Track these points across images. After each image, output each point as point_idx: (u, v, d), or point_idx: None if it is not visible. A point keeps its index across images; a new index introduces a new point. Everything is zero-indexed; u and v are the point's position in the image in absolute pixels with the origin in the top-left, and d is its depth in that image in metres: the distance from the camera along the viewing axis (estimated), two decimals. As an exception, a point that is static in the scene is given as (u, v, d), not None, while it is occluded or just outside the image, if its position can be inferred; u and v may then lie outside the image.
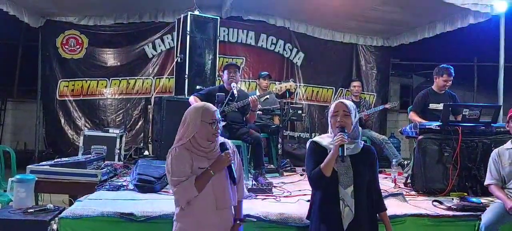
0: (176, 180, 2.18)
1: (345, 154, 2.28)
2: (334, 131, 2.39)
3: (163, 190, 3.58)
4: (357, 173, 2.36)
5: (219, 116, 2.34)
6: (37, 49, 6.82)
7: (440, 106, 4.44)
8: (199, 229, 2.23)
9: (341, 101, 2.44)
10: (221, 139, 2.38)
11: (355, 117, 2.41)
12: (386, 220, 2.48)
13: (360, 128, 2.53)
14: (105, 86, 6.92)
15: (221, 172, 2.27)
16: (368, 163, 2.43)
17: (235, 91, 4.06)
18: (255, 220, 2.84)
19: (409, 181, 4.21)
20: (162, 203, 3.09)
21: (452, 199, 3.53)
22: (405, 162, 5.22)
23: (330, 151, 2.34)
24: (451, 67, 4.59)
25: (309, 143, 2.53)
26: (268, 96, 4.10)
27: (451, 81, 4.57)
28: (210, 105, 2.36)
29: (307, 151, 2.50)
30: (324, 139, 2.46)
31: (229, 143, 2.44)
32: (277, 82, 7.00)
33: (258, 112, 4.75)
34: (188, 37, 5.36)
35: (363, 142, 2.49)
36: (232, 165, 2.28)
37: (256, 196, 3.43)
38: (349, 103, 2.43)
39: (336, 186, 2.34)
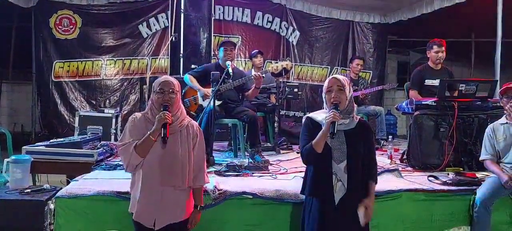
0: (121, 143, 2.24)
1: (335, 131, 2.26)
2: (329, 107, 2.37)
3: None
4: (351, 148, 2.35)
5: (174, 89, 2.30)
6: (31, 31, 6.73)
7: (436, 82, 4.43)
8: (139, 202, 2.23)
9: (334, 76, 2.42)
10: (187, 119, 2.38)
11: (349, 92, 2.39)
12: (371, 188, 2.43)
13: (355, 104, 2.51)
14: (100, 67, 6.87)
15: (174, 138, 2.25)
16: (363, 138, 2.41)
17: (230, 70, 4.03)
18: (251, 197, 2.85)
19: (405, 157, 4.22)
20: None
21: (448, 174, 3.57)
22: (389, 138, 5.29)
23: (323, 127, 2.32)
24: (440, 40, 4.56)
25: (304, 118, 2.52)
26: (264, 75, 4.09)
27: (443, 52, 4.53)
28: (166, 77, 2.37)
29: (302, 126, 2.50)
30: (319, 115, 2.44)
31: (194, 124, 2.41)
32: (273, 61, 6.96)
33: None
34: (182, 15, 5.29)
35: (358, 117, 2.47)
36: (166, 124, 2.21)
37: (253, 173, 3.44)
38: (342, 78, 2.40)
39: (329, 160, 2.34)
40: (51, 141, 4.02)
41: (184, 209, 2.33)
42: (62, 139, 4.05)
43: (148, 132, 2.21)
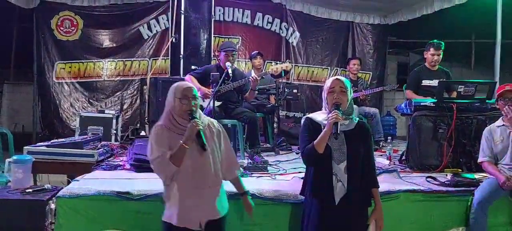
0: (154, 157, 2.23)
1: (338, 132, 2.28)
2: (329, 107, 2.39)
3: (159, 169, 3.60)
4: (350, 149, 2.37)
5: (196, 94, 2.33)
6: (32, 32, 6.75)
7: (433, 82, 4.48)
8: (180, 208, 2.26)
9: (337, 78, 2.44)
10: (206, 119, 2.40)
11: (350, 94, 2.42)
12: (376, 197, 2.49)
13: (355, 105, 2.53)
14: (102, 68, 6.90)
15: (193, 143, 2.26)
16: (362, 139, 2.43)
17: (229, 71, 4.05)
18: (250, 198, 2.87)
19: (404, 157, 4.24)
20: (159, 182, 3.04)
21: (446, 175, 3.58)
22: (388, 139, 5.30)
23: (324, 127, 2.34)
24: (439, 42, 4.58)
25: (303, 119, 2.54)
26: (264, 77, 4.13)
27: (439, 55, 4.56)
28: (186, 83, 2.38)
29: (301, 126, 2.52)
30: (319, 115, 2.46)
31: (214, 122, 2.45)
32: (273, 62, 7.00)
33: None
34: (182, 17, 5.31)
35: (357, 118, 2.49)
36: (201, 132, 2.25)
37: (252, 174, 3.46)
38: (345, 80, 2.43)
39: (329, 161, 2.36)
40: (52, 141, 4.05)
41: (221, 204, 2.38)
42: (63, 139, 4.08)
43: (181, 141, 2.22)
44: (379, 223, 2.44)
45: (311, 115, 2.52)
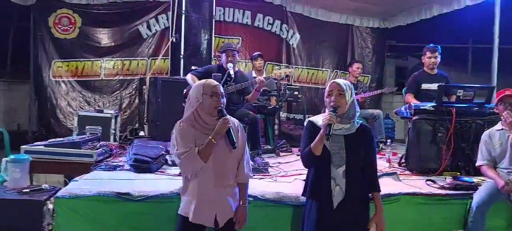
0: (181, 151, 2.22)
1: (331, 133, 2.28)
2: (328, 110, 2.39)
3: (159, 170, 3.59)
4: (350, 153, 2.37)
5: (223, 91, 2.36)
6: (29, 29, 6.70)
7: (432, 86, 4.51)
8: (197, 204, 2.26)
9: (335, 81, 2.44)
10: (231, 119, 2.40)
11: (350, 97, 2.41)
12: (378, 201, 2.47)
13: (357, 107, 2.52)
14: (100, 67, 6.86)
15: (220, 140, 2.29)
16: (363, 143, 2.43)
17: (231, 72, 4.04)
18: (252, 199, 2.86)
19: (403, 160, 4.25)
20: (159, 183, 3.11)
21: (445, 178, 3.59)
22: (388, 142, 5.32)
23: (322, 130, 2.35)
24: (434, 45, 4.62)
25: (306, 122, 2.54)
26: (267, 80, 4.16)
27: (436, 58, 4.59)
28: (213, 81, 2.39)
29: (303, 129, 2.52)
30: (320, 118, 2.46)
31: (235, 121, 2.46)
32: (275, 66, 7.01)
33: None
34: (183, 16, 5.30)
35: (360, 122, 2.48)
36: (231, 129, 2.29)
37: (253, 176, 3.44)
38: (343, 82, 2.42)
39: (328, 165, 2.36)
40: (50, 140, 4.01)
41: (235, 204, 2.38)
42: (61, 139, 4.04)
43: (210, 137, 2.24)
44: (379, 227, 2.44)
45: (312, 118, 2.53)
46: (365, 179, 2.43)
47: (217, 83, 2.37)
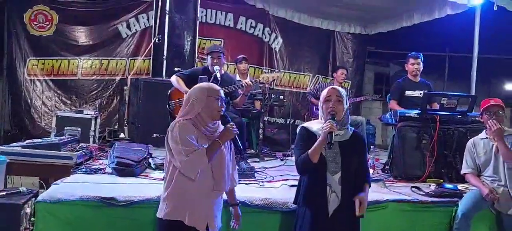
0: (188, 149, 2.11)
1: (332, 141, 2.26)
2: (325, 117, 2.36)
3: (142, 173, 3.49)
4: (345, 159, 2.36)
5: (223, 96, 2.32)
6: (4, 25, 6.43)
7: (415, 93, 4.57)
8: (193, 209, 2.19)
9: (334, 87, 2.44)
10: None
11: (346, 104, 2.40)
12: (366, 190, 2.41)
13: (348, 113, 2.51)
14: (77, 66, 6.64)
15: (225, 145, 2.27)
16: (357, 150, 2.43)
17: (218, 75, 3.97)
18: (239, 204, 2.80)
19: (387, 166, 4.28)
20: (144, 187, 3.02)
21: (429, 185, 3.64)
22: (371, 148, 5.36)
23: (319, 137, 2.31)
24: (416, 53, 4.70)
25: (299, 128, 2.51)
26: (255, 84, 4.11)
27: (419, 64, 4.65)
28: (214, 84, 2.39)
29: (297, 136, 2.48)
30: (315, 125, 2.44)
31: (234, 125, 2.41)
32: (264, 70, 6.98)
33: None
34: (167, 17, 5.19)
35: (352, 129, 2.48)
36: (236, 136, 2.27)
37: (239, 181, 3.38)
38: (342, 89, 2.42)
39: (323, 172, 2.34)
40: (27, 141, 3.84)
41: (220, 214, 2.37)
42: (39, 140, 3.87)
43: (216, 139, 2.20)
44: (363, 205, 2.34)
45: (306, 124, 2.50)
46: (358, 185, 2.41)
47: (219, 87, 2.34)
